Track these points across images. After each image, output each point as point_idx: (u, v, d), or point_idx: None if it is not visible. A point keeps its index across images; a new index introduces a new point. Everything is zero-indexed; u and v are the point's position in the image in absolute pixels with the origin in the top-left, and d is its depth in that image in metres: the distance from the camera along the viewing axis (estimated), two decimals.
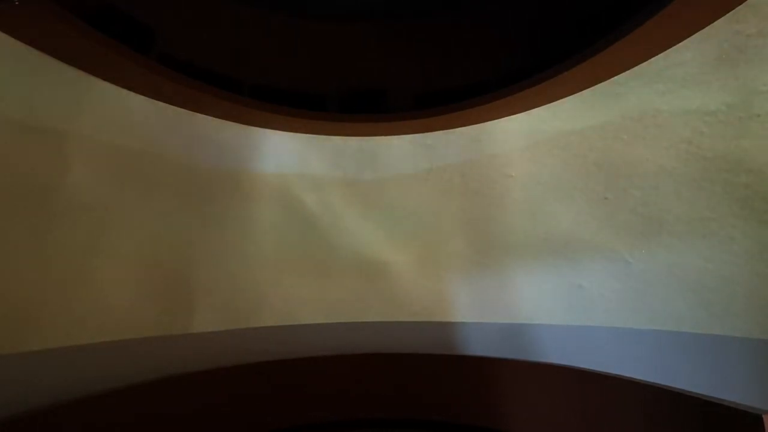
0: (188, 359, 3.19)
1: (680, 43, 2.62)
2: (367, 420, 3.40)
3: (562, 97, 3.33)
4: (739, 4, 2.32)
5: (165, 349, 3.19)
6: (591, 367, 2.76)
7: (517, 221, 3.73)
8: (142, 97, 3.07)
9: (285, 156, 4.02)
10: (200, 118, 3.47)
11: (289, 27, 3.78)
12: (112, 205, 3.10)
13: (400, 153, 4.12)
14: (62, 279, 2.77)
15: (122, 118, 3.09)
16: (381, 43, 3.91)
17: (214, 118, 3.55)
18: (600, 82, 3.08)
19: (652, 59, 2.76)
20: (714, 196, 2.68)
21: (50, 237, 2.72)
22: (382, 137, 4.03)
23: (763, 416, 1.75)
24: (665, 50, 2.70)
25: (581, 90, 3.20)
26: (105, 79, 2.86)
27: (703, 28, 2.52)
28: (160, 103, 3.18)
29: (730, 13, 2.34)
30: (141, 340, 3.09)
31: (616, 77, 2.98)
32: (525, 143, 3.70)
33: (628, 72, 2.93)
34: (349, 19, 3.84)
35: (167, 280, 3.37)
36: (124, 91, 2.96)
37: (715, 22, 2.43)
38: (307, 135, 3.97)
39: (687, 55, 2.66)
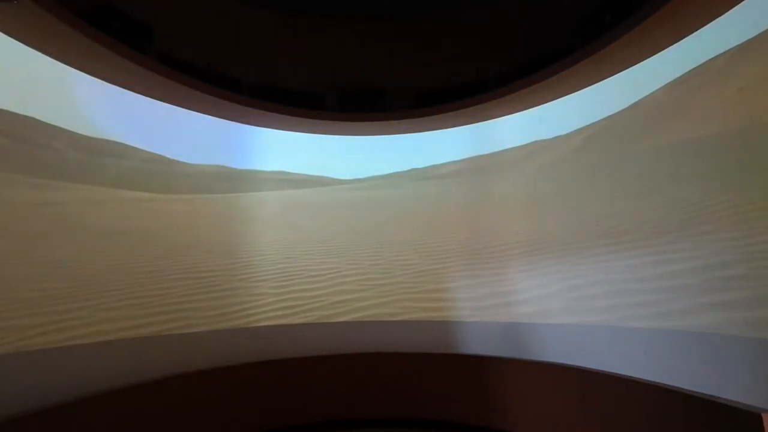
0: (188, 359, 3.19)
1: (679, 42, 2.62)
2: (366, 419, 3.39)
3: (561, 96, 3.34)
4: (737, 4, 2.33)
5: (165, 349, 3.19)
6: (591, 366, 2.75)
7: (517, 220, 3.73)
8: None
9: (284, 154, 4.02)
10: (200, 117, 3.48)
11: (288, 27, 3.78)
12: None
13: (400, 152, 4.13)
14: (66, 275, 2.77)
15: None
16: (381, 43, 3.91)
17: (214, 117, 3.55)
18: (600, 80, 3.08)
19: (651, 58, 2.76)
20: (714, 195, 2.68)
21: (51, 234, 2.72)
22: (382, 136, 4.04)
23: (763, 415, 1.74)
24: (664, 49, 2.71)
25: (580, 89, 3.20)
26: (104, 78, 2.86)
27: (701, 27, 2.53)
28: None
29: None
30: (141, 340, 3.09)
31: (615, 76, 2.99)
32: (524, 141, 3.70)
33: (627, 71, 2.93)
34: (349, 19, 3.84)
35: (168, 279, 3.37)
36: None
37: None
38: (307, 134, 3.97)
39: (686, 53, 2.66)
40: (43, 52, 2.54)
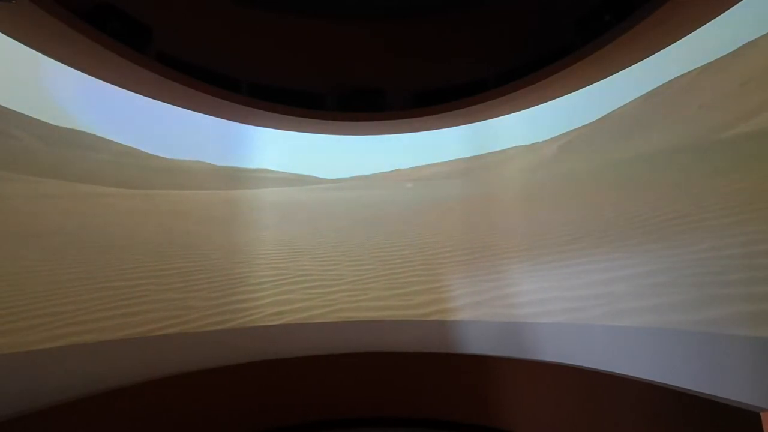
0: (189, 359, 3.17)
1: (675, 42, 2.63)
2: (366, 419, 3.38)
3: (560, 95, 3.34)
4: (735, 4, 2.34)
5: (166, 348, 3.17)
6: (590, 365, 2.76)
7: (517, 219, 3.73)
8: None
9: (284, 154, 4.02)
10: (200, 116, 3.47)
11: (288, 27, 3.78)
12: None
13: (399, 151, 4.14)
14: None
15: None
16: (380, 42, 3.91)
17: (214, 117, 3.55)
18: (598, 80, 3.08)
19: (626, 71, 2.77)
20: (712, 195, 2.68)
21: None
22: (381, 135, 4.04)
23: (761, 414, 1.74)
24: (662, 49, 2.71)
25: (579, 88, 3.20)
26: (103, 77, 2.85)
27: (699, 27, 2.53)
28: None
29: None
30: (141, 340, 3.08)
31: (613, 75, 3.00)
32: (524, 141, 3.72)
33: (625, 70, 2.94)
34: (349, 19, 3.84)
35: (169, 278, 3.33)
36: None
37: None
38: (306, 133, 3.98)
39: (681, 52, 2.67)
40: (41, 52, 2.54)
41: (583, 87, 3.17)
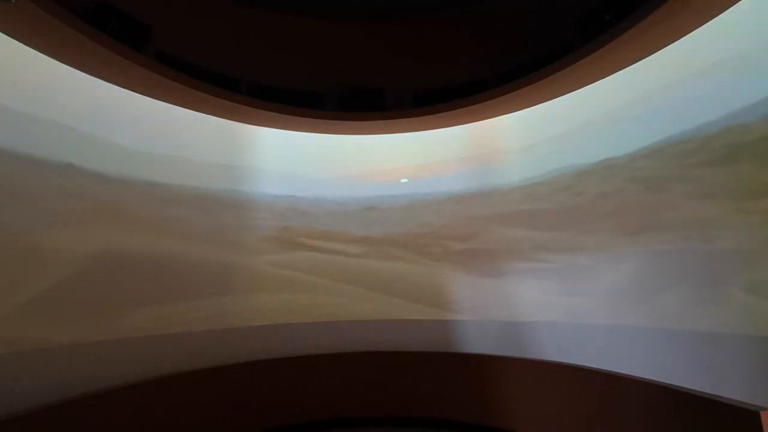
0: (189, 358, 3.18)
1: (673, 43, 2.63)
2: (366, 418, 3.39)
3: (560, 95, 3.34)
4: (735, 3, 2.34)
5: (165, 348, 3.17)
6: (590, 365, 2.76)
7: (517, 219, 3.74)
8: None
9: (284, 154, 4.03)
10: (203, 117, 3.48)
11: (288, 27, 3.79)
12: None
13: (399, 151, 4.15)
14: None
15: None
16: (380, 42, 3.92)
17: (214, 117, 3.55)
18: (598, 80, 3.09)
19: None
20: (710, 192, 2.69)
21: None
22: (381, 134, 4.06)
23: (761, 413, 1.75)
24: (661, 49, 2.72)
25: (579, 88, 3.21)
26: (102, 77, 2.86)
27: (698, 27, 2.54)
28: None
29: None
30: (142, 339, 3.08)
31: (613, 75, 3.00)
32: (523, 141, 3.73)
33: (625, 70, 2.95)
34: (349, 19, 3.85)
35: (169, 277, 3.32)
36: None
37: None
38: (306, 133, 3.98)
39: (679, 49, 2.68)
40: (41, 51, 2.54)
41: (583, 87, 3.18)
